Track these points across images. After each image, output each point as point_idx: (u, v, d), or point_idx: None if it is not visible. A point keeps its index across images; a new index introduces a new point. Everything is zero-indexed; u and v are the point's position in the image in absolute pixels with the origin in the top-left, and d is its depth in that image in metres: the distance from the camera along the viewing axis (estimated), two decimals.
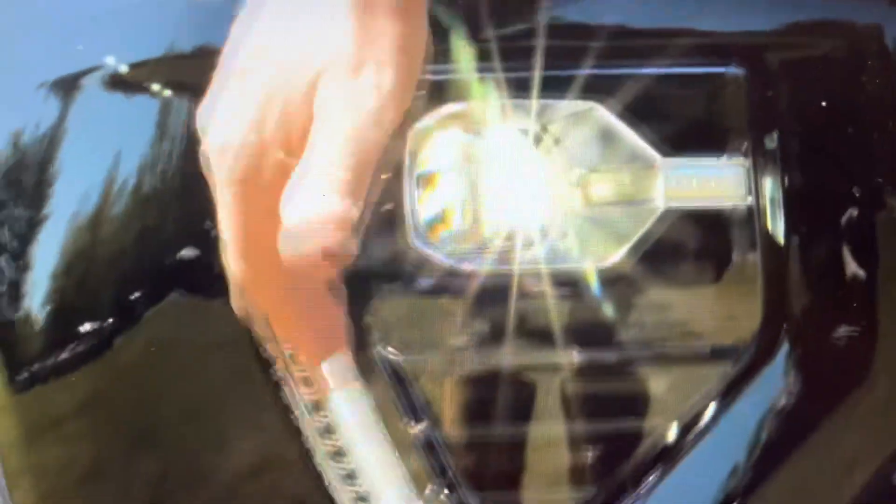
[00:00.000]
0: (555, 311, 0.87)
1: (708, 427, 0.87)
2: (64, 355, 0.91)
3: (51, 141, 0.92)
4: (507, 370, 0.87)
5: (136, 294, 0.89)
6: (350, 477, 0.83)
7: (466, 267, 0.86)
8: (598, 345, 0.87)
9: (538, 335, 0.87)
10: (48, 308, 0.92)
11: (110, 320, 0.89)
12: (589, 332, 0.87)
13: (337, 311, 0.72)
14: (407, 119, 0.68)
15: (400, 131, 0.68)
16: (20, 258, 0.94)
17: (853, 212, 0.87)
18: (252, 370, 0.86)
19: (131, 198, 0.89)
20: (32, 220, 0.94)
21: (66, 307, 0.93)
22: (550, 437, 0.88)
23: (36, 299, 0.93)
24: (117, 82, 0.90)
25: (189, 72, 0.87)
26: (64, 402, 0.92)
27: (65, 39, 0.93)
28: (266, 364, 0.84)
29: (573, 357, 0.87)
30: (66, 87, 0.91)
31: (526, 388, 0.88)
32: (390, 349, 0.86)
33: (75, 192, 0.92)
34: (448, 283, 0.86)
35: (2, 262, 0.95)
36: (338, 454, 0.82)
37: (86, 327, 0.90)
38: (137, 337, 0.89)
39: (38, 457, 0.92)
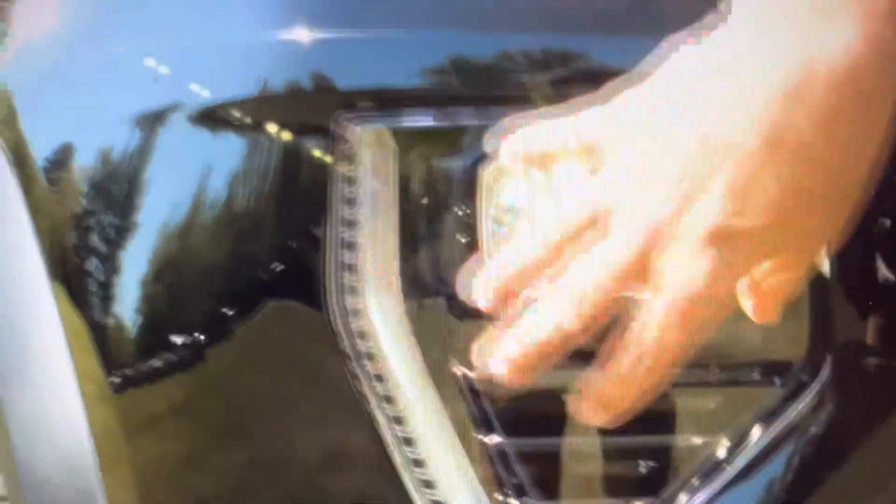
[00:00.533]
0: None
1: (755, 444, 0.95)
2: (156, 362, 1.01)
3: (140, 159, 1.01)
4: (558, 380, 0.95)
5: (229, 310, 0.98)
6: (418, 464, 0.92)
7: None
8: None
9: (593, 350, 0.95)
10: (139, 314, 1.02)
11: (202, 335, 0.99)
12: None
13: None
14: None
15: None
16: (110, 262, 1.03)
17: (889, 248, 0.95)
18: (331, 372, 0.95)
19: (222, 212, 0.97)
20: (121, 228, 1.04)
21: (157, 315, 1.02)
22: (610, 449, 0.96)
23: (127, 304, 1.02)
24: (207, 117, 0.99)
25: (279, 111, 0.95)
26: (158, 403, 1.01)
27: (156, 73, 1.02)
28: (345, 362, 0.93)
29: None
30: (155, 118, 1.01)
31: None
32: (467, 369, 0.94)
33: (164, 204, 1.01)
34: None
35: (92, 266, 1.05)
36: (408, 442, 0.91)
37: (177, 339, 1.00)
38: (228, 348, 0.98)
39: (133, 450, 1.01)
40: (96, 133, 1.07)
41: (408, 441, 0.94)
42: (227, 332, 0.97)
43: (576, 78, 0.93)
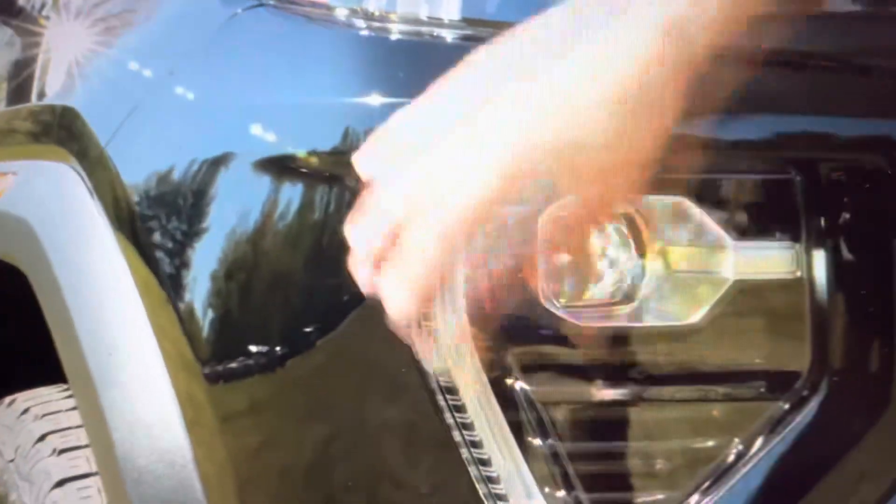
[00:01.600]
0: (646, 357, 1.13)
1: (761, 450, 1.13)
2: (233, 364, 1.18)
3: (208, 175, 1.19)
4: (609, 400, 1.14)
5: (310, 327, 1.15)
6: (483, 463, 1.10)
7: (581, 320, 1.12)
8: (679, 384, 1.14)
9: (634, 375, 1.14)
10: (211, 311, 1.19)
11: (280, 348, 1.16)
12: (673, 374, 1.14)
13: None
14: None
15: None
16: (180, 257, 1.20)
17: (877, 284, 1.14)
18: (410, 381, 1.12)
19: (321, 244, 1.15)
20: (188, 231, 1.21)
21: (230, 316, 1.19)
22: (643, 452, 1.14)
23: (198, 297, 1.19)
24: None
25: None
26: (251, 397, 1.18)
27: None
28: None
29: (660, 392, 1.14)
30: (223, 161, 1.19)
31: (624, 413, 1.14)
32: (525, 382, 1.12)
33: (232, 212, 1.18)
34: (568, 332, 1.12)
35: (164, 263, 1.22)
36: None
37: (254, 348, 1.17)
38: (307, 360, 1.15)
39: (227, 441, 1.18)
40: (181, 166, 1.24)
41: (475, 444, 1.12)
42: (322, 340, 1.14)
43: None
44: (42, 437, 1.51)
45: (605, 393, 1.14)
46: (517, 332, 1.13)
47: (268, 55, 1.24)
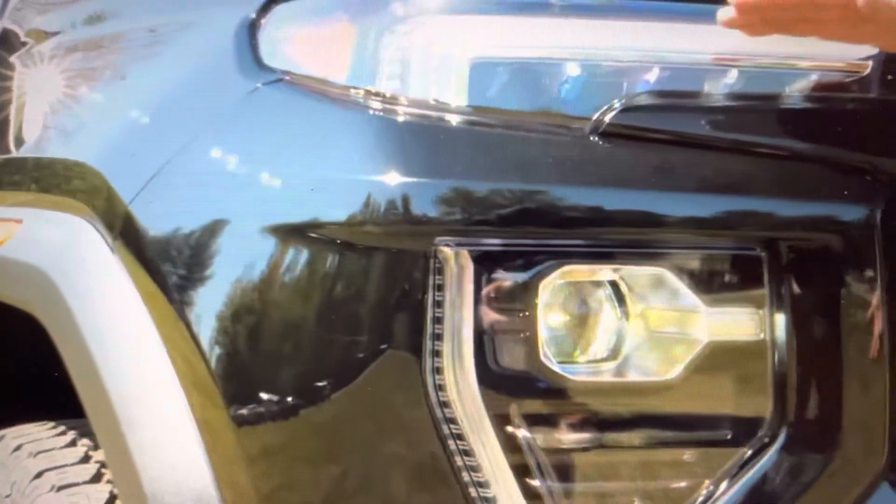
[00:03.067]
0: (628, 407, 1.29)
1: (728, 491, 1.30)
2: (243, 411, 1.30)
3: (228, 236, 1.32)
4: (594, 443, 1.29)
5: (326, 380, 1.29)
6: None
7: (575, 376, 1.28)
8: (657, 431, 1.30)
9: (619, 423, 1.30)
10: (217, 349, 1.31)
11: (288, 400, 1.29)
12: (652, 423, 1.30)
13: None
14: None
15: None
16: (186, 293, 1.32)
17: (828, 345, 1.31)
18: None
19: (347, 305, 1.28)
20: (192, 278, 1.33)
21: (238, 359, 1.32)
22: (628, 491, 1.30)
23: (204, 332, 1.30)
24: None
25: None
26: (270, 441, 1.30)
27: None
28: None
29: (641, 438, 1.30)
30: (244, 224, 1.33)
31: (610, 457, 1.30)
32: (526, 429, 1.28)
33: (238, 261, 1.31)
34: (562, 385, 1.27)
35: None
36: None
37: (279, 393, 1.30)
38: (323, 410, 1.29)
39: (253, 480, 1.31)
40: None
41: (480, 484, 1.27)
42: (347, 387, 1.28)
43: None
44: (39, 475, 1.61)
45: (592, 439, 1.29)
46: (517, 383, 1.28)
47: (285, 129, 1.37)
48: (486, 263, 1.27)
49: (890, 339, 1.31)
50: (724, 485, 1.30)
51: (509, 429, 1.27)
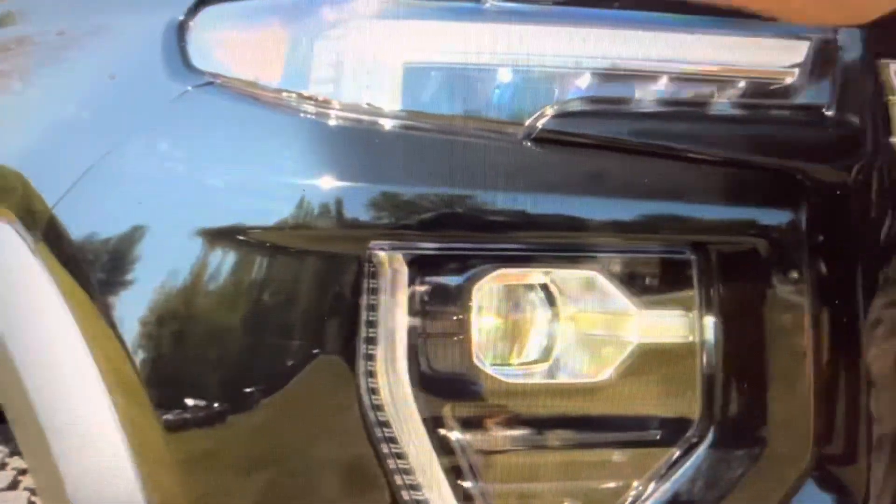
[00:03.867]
0: (559, 408, 1.31)
1: (656, 491, 1.32)
2: (169, 416, 1.30)
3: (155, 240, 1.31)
4: (526, 445, 1.31)
5: (258, 386, 1.28)
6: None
7: (507, 378, 1.29)
8: (588, 432, 1.31)
9: (550, 424, 1.31)
10: (145, 353, 1.30)
11: (219, 405, 1.29)
12: (583, 424, 1.31)
13: None
14: None
15: None
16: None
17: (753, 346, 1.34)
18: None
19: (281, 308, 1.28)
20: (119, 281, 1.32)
21: (166, 364, 1.30)
22: (558, 492, 1.31)
23: (131, 336, 1.29)
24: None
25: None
26: (208, 443, 1.29)
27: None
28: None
29: (572, 439, 1.31)
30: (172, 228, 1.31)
31: (540, 458, 1.31)
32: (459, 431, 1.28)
33: (168, 264, 1.30)
34: (495, 388, 1.28)
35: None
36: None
37: (191, 402, 1.29)
38: (254, 415, 1.28)
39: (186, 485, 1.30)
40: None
41: (413, 487, 1.28)
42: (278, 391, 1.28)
43: None
44: None
45: (523, 440, 1.31)
46: (450, 385, 1.28)
47: (215, 133, 1.36)
48: (420, 267, 1.28)
49: (814, 340, 1.34)
50: (652, 485, 1.32)
51: (442, 431, 1.28)
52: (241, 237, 1.29)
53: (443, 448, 1.28)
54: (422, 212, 1.28)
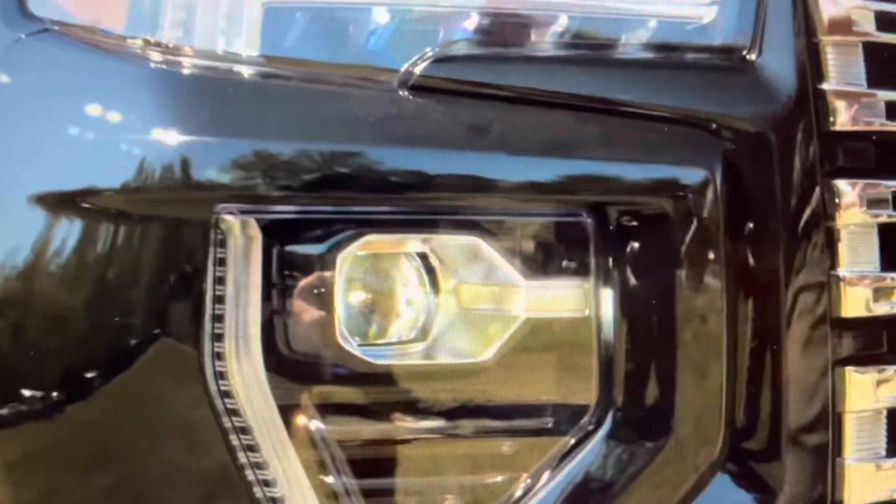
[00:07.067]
0: (437, 394, 1.16)
1: (547, 484, 1.17)
2: (4, 411, 1.15)
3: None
4: (401, 438, 1.16)
5: (90, 373, 1.13)
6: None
7: (377, 359, 1.13)
8: (469, 420, 1.16)
9: (426, 411, 1.16)
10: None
11: (58, 393, 1.13)
12: (464, 411, 1.16)
13: None
14: None
15: None
16: None
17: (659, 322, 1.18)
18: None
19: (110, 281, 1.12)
20: None
21: (4, 356, 1.15)
22: (434, 487, 1.16)
23: None
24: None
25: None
26: (23, 447, 1.15)
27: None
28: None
29: (451, 428, 1.16)
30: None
31: (415, 450, 1.16)
32: (319, 420, 1.13)
33: (7, 246, 1.15)
34: (363, 371, 1.13)
35: None
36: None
37: (28, 393, 1.14)
38: (88, 407, 1.13)
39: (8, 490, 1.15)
40: None
41: (267, 483, 1.13)
42: (116, 378, 1.13)
43: None
44: None
45: (397, 430, 1.16)
46: (311, 369, 1.13)
47: (52, 85, 1.20)
48: (275, 234, 1.12)
49: (729, 317, 1.18)
50: (544, 477, 1.17)
51: (301, 421, 1.13)
52: (82, 203, 1.14)
53: (302, 440, 1.13)
54: (280, 170, 1.12)
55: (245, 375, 1.11)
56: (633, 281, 1.17)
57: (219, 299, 1.11)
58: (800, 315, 1.19)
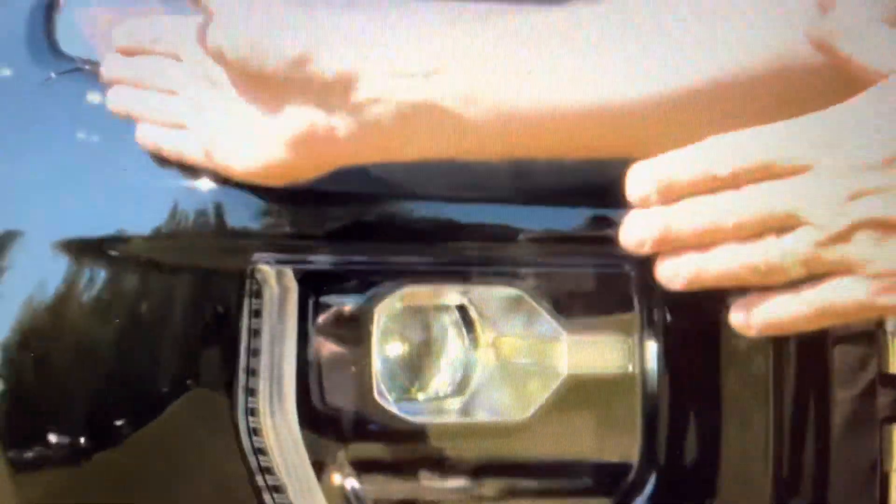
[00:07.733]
0: (475, 453, 1.12)
1: None
2: (30, 455, 1.10)
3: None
4: (438, 498, 1.11)
5: (120, 421, 1.09)
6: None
7: (414, 416, 1.09)
8: (508, 480, 1.12)
9: (464, 471, 1.12)
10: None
11: (85, 440, 1.09)
12: (503, 471, 1.12)
13: None
14: None
15: None
16: None
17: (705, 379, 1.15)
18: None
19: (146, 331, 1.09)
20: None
21: (17, 395, 1.11)
22: None
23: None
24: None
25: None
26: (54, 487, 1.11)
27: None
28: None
29: (490, 489, 1.12)
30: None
31: None
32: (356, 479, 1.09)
33: (27, 280, 1.12)
34: (398, 427, 1.09)
35: None
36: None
37: (54, 438, 1.10)
38: (113, 457, 1.09)
39: None
40: None
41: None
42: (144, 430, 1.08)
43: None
44: None
45: (434, 490, 1.12)
46: (347, 425, 1.09)
47: (82, 127, 1.16)
48: (312, 285, 1.08)
49: (775, 370, 1.15)
50: None
51: (336, 479, 1.09)
52: (110, 251, 1.10)
53: (336, 499, 1.09)
54: (316, 218, 1.09)
55: (279, 432, 1.07)
56: (677, 333, 1.14)
57: (253, 352, 1.07)
58: (847, 370, 1.16)
